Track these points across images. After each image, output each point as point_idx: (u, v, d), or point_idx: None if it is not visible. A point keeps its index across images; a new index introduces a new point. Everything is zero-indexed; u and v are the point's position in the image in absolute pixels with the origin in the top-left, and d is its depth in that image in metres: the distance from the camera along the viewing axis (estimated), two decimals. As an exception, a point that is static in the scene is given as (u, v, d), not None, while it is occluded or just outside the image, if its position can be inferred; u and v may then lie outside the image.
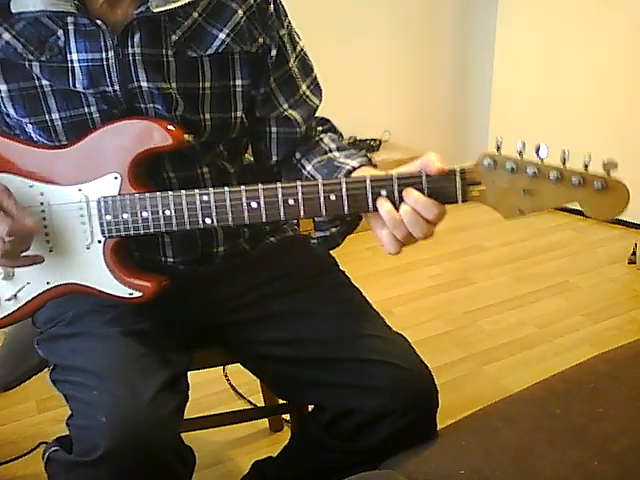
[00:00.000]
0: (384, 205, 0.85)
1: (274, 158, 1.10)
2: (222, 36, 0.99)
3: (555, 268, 2.57)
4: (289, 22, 1.07)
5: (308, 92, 1.10)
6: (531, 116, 3.10)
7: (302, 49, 1.10)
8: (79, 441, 0.90)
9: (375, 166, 0.98)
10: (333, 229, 0.99)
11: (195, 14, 0.98)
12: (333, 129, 1.14)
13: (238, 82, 1.02)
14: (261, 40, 1.02)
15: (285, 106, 1.07)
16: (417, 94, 3.36)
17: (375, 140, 3.13)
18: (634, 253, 2.56)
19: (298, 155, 1.08)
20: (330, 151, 1.05)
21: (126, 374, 0.92)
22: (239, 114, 1.04)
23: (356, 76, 3.08)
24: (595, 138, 2.84)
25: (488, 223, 2.85)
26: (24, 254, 0.94)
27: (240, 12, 1.00)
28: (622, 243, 2.70)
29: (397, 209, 0.85)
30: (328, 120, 1.14)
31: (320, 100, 1.12)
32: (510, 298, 2.34)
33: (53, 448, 0.96)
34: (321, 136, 1.10)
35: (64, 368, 0.98)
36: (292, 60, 1.07)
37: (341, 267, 1.17)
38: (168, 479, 0.92)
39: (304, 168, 1.06)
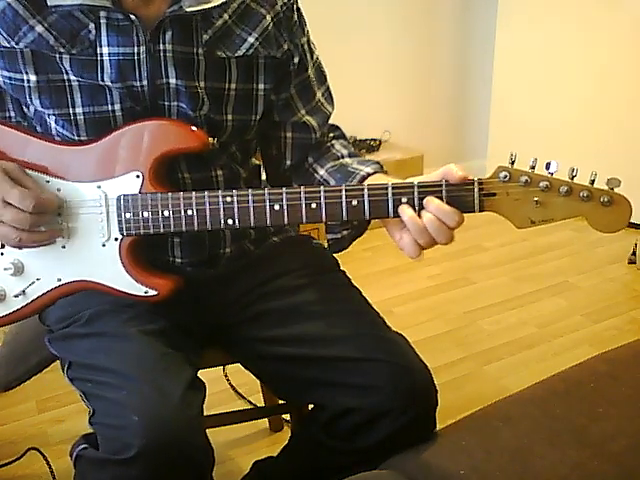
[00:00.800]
0: (406, 212, 0.88)
1: (287, 162, 1.12)
2: (251, 40, 1.01)
3: (555, 268, 2.57)
4: (308, 31, 1.10)
5: (323, 100, 1.13)
6: (531, 116, 3.11)
7: (317, 58, 1.13)
8: (109, 440, 0.90)
9: (386, 173, 1.01)
10: (344, 232, 1.02)
11: (226, 15, 0.99)
12: (343, 136, 1.17)
13: (261, 86, 1.04)
14: (285, 46, 1.05)
15: (303, 112, 1.10)
16: (417, 94, 3.36)
17: (375, 140, 3.13)
18: (634, 253, 2.56)
19: (310, 160, 1.11)
20: (342, 157, 1.09)
21: (150, 374, 0.92)
22: (258, 117, 1.06)
23: (356, 76, 3.08)
24: (595, 138, 2.85)
25: (488, 223, 2.83)
26: (43, 229, 0.95)
27: (268, 18, 1.02)
28: (622, 243, 2.70)
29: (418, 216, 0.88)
30: (338, 127, 1.17)
31: (333, 108, 1.15)
32: (510, 298, 2.34)
33: (82, 446, 0.96)
34: (332, 142, 1.13)
35: (83, 367, 0.99)
36: (310, 68, 1.10)
37: (341, 267, 1.17)
38: (197, 477, 0.93)
39: (317, 172, 1.08)
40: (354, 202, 0.89)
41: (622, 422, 0.96)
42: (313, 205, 0.90)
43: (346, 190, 0.90)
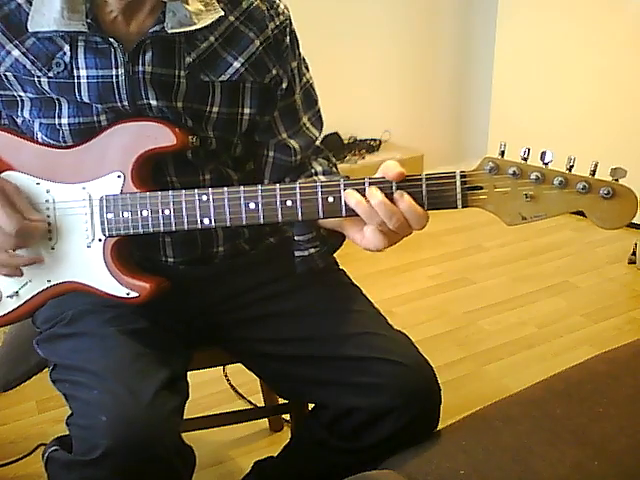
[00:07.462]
0: (354, 196, 0.86)
1: (265, 182, 1.10)
2: (237, 65, 0.99)
3: (555, 268, 2.57)
4: (300, 53, 1.08)
5: (309, 124, 1.11)
6: (531, 116, 3.11)
7: (308, 81, 1.11)
8: (79, 440, 0.90)
9: None
10: (312, 249, 1.00)
11: (212, 38, 0.98)
12: (327, 157, 1.15)
13: (246, 110, 1.03)
14: (274, 72, 1.03)
15: (284, 135, 1.08)
16: (417, 94, 3.36)
17: (375, 140, 3.13)
18: (634, 253, 2.56)
19: (287, 180, 1.09)
20: (316, 174, 1.08)
21: (124, 374, 0.92)
22: (241, 136, 1.05)
23: (356, 76, 3.08)
24: (595, 138, 2.84)
25: (488, 223, 2.83)
26: (24, 253, 0.96)
27: (257, 42, 1.01)
28: (622, 243, 2.70)
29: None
30: (324, 149, 1.15)
31: (320, 132, 1.13)
32: (510, 298, 2.34)
33: (53, 448, 0.96)
34: (311, 161, 1.11)
35: (64, 368, 0.98)
36: (298, 92, 1.08)
37: (341, 267, 1.17)
38: (168, 478, 0.92)
39: None
40: (330, 198, 0.88)
41: (622, 422, 0.96)
42: (289, 203, 0.89)
43: (322, 187, 0.88)
